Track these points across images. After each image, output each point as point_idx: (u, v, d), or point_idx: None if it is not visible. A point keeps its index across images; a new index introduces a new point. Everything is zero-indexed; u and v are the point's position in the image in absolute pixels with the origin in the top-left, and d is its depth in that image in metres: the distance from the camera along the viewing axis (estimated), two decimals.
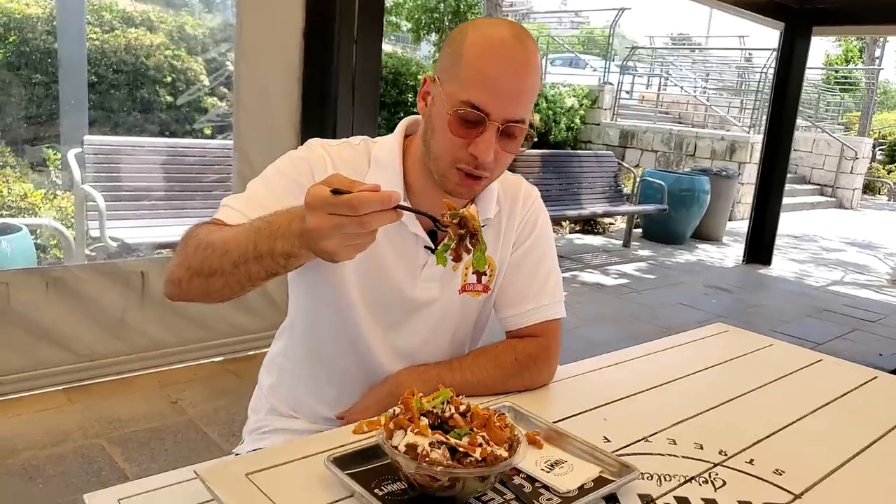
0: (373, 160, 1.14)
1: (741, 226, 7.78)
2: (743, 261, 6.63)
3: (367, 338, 1.17)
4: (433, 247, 1.14)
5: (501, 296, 1.25)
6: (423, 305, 1.18)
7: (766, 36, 7.41)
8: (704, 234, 7.69)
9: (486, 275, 1.21)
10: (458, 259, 0.90)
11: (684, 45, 19.56)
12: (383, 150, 1.15)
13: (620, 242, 7.11)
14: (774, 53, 6.55)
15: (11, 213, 4.35)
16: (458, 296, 1.20)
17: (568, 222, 7.38)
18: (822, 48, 21.36)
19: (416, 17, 11.17)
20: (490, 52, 1.01)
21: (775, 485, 0.97)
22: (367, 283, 1.14)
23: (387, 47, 10.64)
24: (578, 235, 7.38)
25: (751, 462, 1.03)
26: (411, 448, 0.80)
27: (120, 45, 5.34)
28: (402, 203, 0.81)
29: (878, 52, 17.92)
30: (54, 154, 4.81)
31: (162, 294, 1.04)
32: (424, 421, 0.84)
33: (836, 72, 17.60)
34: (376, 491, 0.85)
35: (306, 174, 1.09)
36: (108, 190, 3.70)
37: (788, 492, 0.95)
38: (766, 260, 6.57)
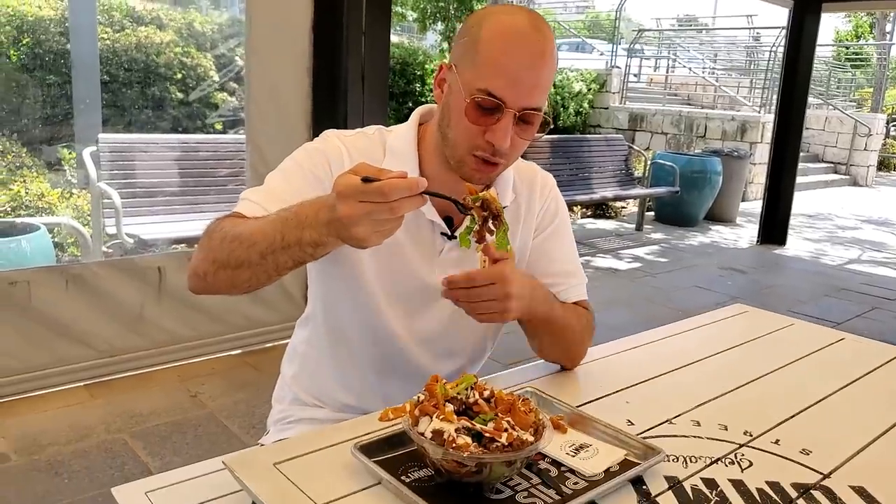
0: (388, 149, 1.15)
1: (754, 206, 7.73)
2: (757, 241, 6.59)
3: (388, 325, 1.18)
4: (449, 233, 1.15)
5: None
6: (442, 292, 1.18)
7: (774, 14, 7.32)
8: (717, 216, 7.63)
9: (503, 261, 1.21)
10: (481, 240, 0.91)
11: (691, 26, 19.34)
12: (398, 138, 1.16)
13: (633, 226, 7.08)
14: (783, 31, 6.46)
15: (30, 213, 4.40)
16: None
17: (579, 207, 7.35)
18: (832, 24, 21.06)
19: (422, 6, 11.11)
20: (507, 41, 1.02)
21: (803, 464, 0.96)
22: (385, 270, 1.15)
23: (393, 38, 10.60)
24: (590, 220, 7.35)
25: (777, 442, 1.02)
26: (437, 434, 0.80)
27: (131, 44, 5.36)
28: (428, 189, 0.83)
29: (888, 27, 17.63)
30: (69, 153, 4.85)
31: (179, 289, 1.05)
32: (450, 407, 0.84)
33: (847, 48, 17.36)
34: (403, 478, 0.85)
35: (323, 165, 1.10)
36: (123, 187, 3.73)
37: (817, 471, 0.95)
38: (781, 240, 6.52)
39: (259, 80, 2.99)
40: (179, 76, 5.58)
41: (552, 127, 1.10)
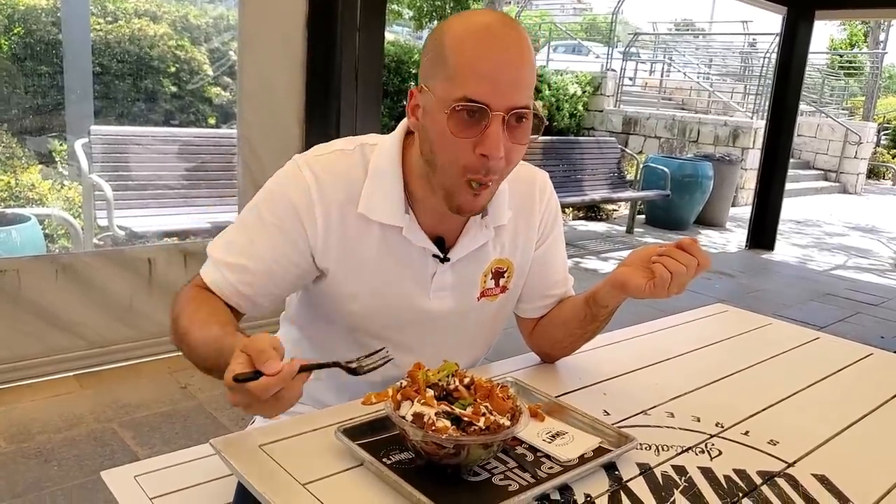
0: (371, 169, 1.06)
1: (744, 211, 7.79)
2: (746, 246, 6.65)
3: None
4: (442, 256, 1.11)
5: (531, 290, 1.24)
6: (438, 317, 1.14)
7: (769, 21, 7.39)
8: (708, 220, 7.70)
9: (504, 277, 1.19)
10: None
11: (687, 30, 19.46)
12: (382, 156, 1.07)
13: (623, 229, 7.13)
14: (777, 38, 6.53)
15: (20, 204, 4.39)
16: (476, 303, 1.17)
17: (571, 209, 7.40)
18: (827, 32, 21.25)
19: (418, 4, 11.15)
20: (477, 40, 0.93)
21: (770, 454, 1.00)
22: (378, 301, 1.11)
23: (389, 35, 10.63)
24: (582, 222, 7.40)
25: (746, 433, 1.06)
26: (418, 417, 0.83)
27: (124, 36, 5.35)
28: (309, 363, 0.83)
29: (882, 37, 17.81)
30: (60, 145, 4.85)
31: (169, 281, 1.05)
32: (430, 392, 0.87)
33: (841, 56, 17.51)
34: (385, 460, 0.88)
35: (289, 217, 1.04)
36: (115, 179, 3.74)
37: (781, 460, 0.99)
38: (770, 245, 6.58)
39: (252, 74, 3.00)
40: (173, 69, 5.58)
41: (545, 126, 1.06)
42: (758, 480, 0.93)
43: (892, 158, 14.75)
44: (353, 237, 1.06)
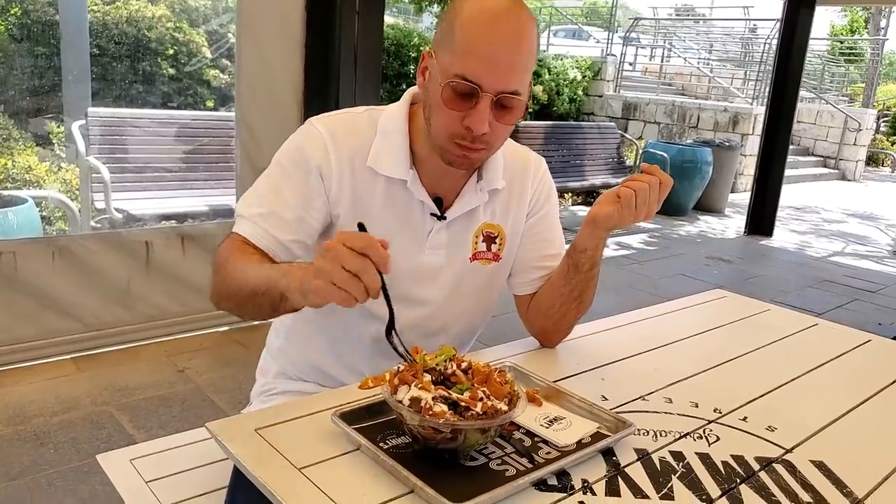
0: (379, 129, 1.15)
1: (743, 197, 7.78)
2: (745, 232, 6.65)
3: (379, 311, 1.18)
4: (439, 213, 1.16)
5: (523, 262, 1.28)
6: (431, 273, 1.19)
7: (770, 6, 7.35)
8: (707, 206, 7.68)
9: (495, 243, 1.23)
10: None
11: (688, 16, 19.31)
12: (389, 119, 1.16)
13: None
14: (778, 24, 6.49)
15: (17, 186, 4.36)
16: (468, 264, 1.22)
17: (570, 194, 7.38)
18: (828, 18, 21.13)
19: None
20: (482, 24, 1.01)
21: (768, 440, 1.00)
22: None
23: (388, 19, 10.54)
24: (581, 207, 7.38)
25: (744, 419, 1.06)
26: (415, 402, 0.83)
27: (121, 17, 5.31)
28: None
29: (883, 23, 17.70)
30: (58, 127, 4.82)
31: (166, 264, 1.06)
32: (428, 377, 0.87)
33: (841, 42, 17.40)
34: (381, 444, 0.88)
35: (310, 164, 1.11)
36: (112, 161, 3.72)
37: (779, 446, 0.98)
38: (768, 231, 6.58)
39: (250, 57, 2.97)
40: (171, 51, 5.53)
41: (530, 111, 1.08)
42: (756, 466, 0.93)
43: (892, 145, 14.72)
44: (361, 189, 1.13)
